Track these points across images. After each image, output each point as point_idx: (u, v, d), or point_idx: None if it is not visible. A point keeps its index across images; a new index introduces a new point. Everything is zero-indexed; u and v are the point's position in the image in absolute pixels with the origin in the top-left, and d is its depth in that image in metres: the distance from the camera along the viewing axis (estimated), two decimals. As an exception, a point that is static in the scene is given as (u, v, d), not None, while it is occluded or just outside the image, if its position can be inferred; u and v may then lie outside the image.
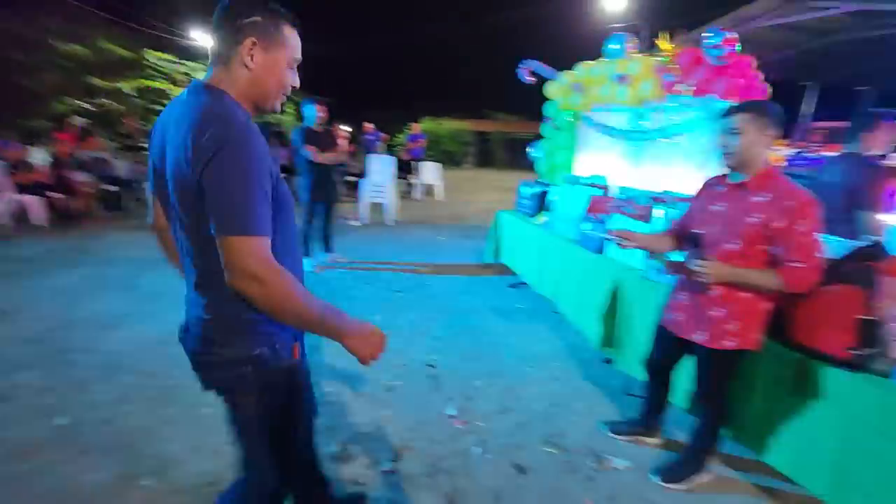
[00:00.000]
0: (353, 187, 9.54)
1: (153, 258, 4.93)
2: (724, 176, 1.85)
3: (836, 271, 1.72)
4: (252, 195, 0.99)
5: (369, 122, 10.91)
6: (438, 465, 2.15)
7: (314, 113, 4.57)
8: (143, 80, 12.74)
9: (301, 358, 1.28)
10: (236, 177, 0.97)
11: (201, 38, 14.03)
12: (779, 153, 6.54)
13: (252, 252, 0.98)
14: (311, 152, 4.44)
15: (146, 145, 9.28)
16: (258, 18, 1.07)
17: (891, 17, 7.19)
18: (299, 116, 16.09)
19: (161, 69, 13.18)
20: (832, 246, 1.99)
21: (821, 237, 1.64)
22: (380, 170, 7.60)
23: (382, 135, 10.63)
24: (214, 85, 1.08)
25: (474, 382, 2.85)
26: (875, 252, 1.73)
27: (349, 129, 11.04)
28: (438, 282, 4.70)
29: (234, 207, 0.97)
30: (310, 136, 4.51)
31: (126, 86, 12.46)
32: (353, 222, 7.28)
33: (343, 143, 4.82)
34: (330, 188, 4.85)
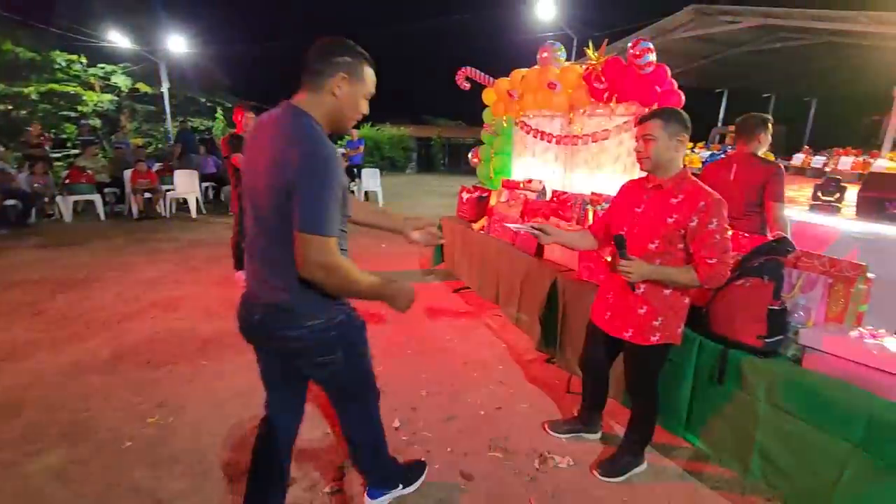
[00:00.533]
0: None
1: (64, 279, 4.52)
2: (645, 179, 1.94)
3: (747, 266, 1.85)
4: (328, 202, 1.25)
5: None
6: (383, 480, 2.09)
7: (241, 119, 4.36)
8: (52, 85, 11.66)
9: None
10: (318, 187, 1.23)
11: (119, 39, 13.02)
12: (696, 155, 7.03)
13: (323, 248, 1.25)
14: (237, 160, 4.23)
15: (57, 155, 8.51)
16: (349, 58, 1.36)
17: (786, 31, 7.96)
18: (230, 123, 15.24)
19: (73, 72, 12.12)
20: (744, 242, 2.14)
21: (729, 234, 1.75)
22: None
23: None
24: (302, 107, 1.33)
25: (419, 392, 2.81)
26: (781, 247, 1.88)
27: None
28: (381, 290, 4.62)
29: (313, 211, 1.23)
30: (238, 144, 4.29)
31: (32, 90, 11.35)
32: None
33: None
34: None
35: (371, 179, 10.13)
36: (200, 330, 3.52)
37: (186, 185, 8.21)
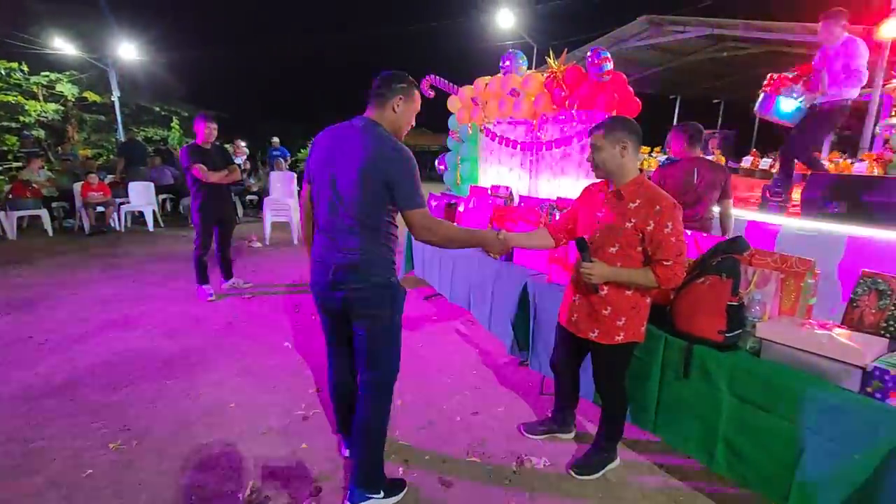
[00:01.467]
0: (257, 206, 9.01)
1: (9, 299, 4.25)
2: (604, 183, 2.02)
3: (706, 264, 1.94)
4: (418, 186, 1.77)
5: (274, 136, 10.36)
6: (361, 492, 2.06)
7: (202, 128, 4.23)
8: (-10, 94, 10.97)
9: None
10: (411, 176, 1.75)
11: (64, 46, 12.36)
12: (654, 159, 7.31)
13: (424, 216, 1.78)
14: (198, 171, 4.10)
15: (-5, 169, 7.95)
16: (404, 85, 1.85)
17: (730, 40, 8.43)
18: (188, 132, 14.71)
19: (13, 80, 11.43)
20: (706, 242, 2.24)
21: (684, 236, 1.84)
22: (282, 187, 7.25)
23: (288, 154, 10.14)
24: (375, 120, 1.82)
25: (395, 400, 2.78)
26: (737, 245, 1.98)
27: (245, 144, 10.42)
28: (351, 300, 4.57)
29: (412, 195, 1.75)
30: (197, 154, 4.16)
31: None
32: (255, 244, 6.85)
33: (236, 164, 4.50)
34: (223, 209, 4.51)
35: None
36: (162, 348, 3.38)
37: (142, 197, 7.88)
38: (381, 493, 1.96)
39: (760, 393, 1.82)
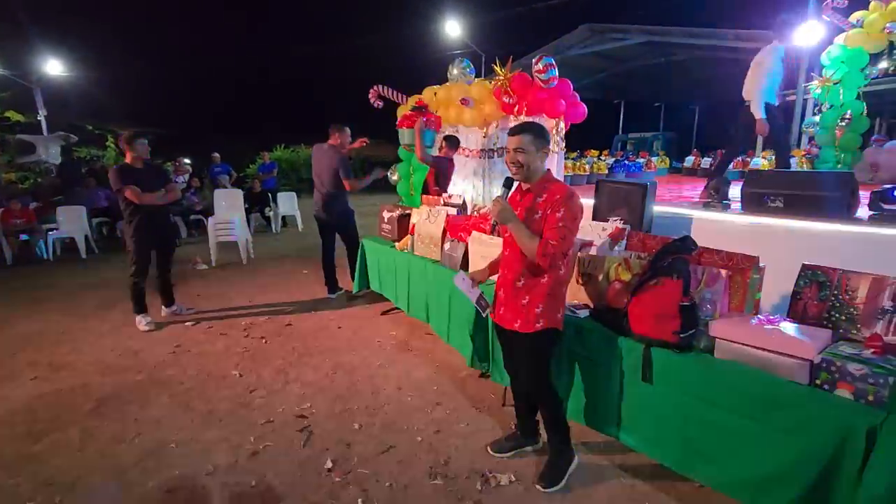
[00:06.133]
0: (201, 226, 8.59)
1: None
2: (519, 188, 2.09)
3: (657, 266, 1.94)
4: (350, 168, 4.60)
5: (216, 153, 9.93)
6: (317, 531, 1.91)
7: (127, 148, 3.96)
8: None
9: None
10: (348, 166, 4.55)
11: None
12: (602, 162, 7.50)
13: (352, 180, 4.60)
14: (131, 194, 3.81)
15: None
16: (346, 129, 4.73)
17: (669, 47, 8.82)
18: (122, 152, 14.00)
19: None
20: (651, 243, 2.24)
21: (573, 227, 1.93)
22: (228, 205, 6.92)
23: (230, 169, 9.76)
24: (334, 144, 4.64)
25: (352, 425, 2.65)
26: (685, 245, 1.99)
27: (188, 162, 9.94)
28: (304, 321, 4.37)
29: (348, 172, 4.53)
30: (129, 175, 3.87)
31: None
32: (199, 266, 6.48)
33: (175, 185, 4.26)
34: (161, 231, 4.21)
35: (288, 203, 9.67)
36: (94, 387, 3.09)
37: (72, 223, 7.31)
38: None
39: (717, 392, 1.83)
